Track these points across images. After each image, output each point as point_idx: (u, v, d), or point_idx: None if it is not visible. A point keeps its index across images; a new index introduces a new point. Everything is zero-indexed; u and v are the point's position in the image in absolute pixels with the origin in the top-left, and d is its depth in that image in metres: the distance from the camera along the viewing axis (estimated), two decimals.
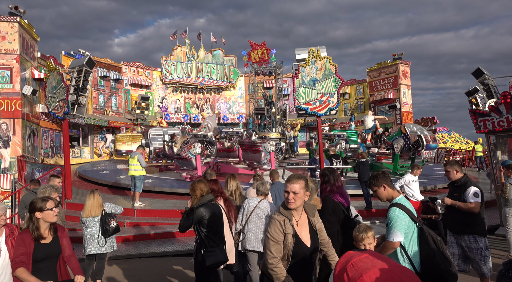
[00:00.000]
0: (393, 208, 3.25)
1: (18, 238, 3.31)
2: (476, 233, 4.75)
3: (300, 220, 3.02)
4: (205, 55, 35.24)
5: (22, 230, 3.46)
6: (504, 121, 8.31)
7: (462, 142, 32.83)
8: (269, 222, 3.00)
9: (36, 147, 19.63)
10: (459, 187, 4.90)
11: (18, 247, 3.27)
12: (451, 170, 4.96)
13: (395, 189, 3.48)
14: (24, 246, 3.26)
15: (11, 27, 17.89)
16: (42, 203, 3.41)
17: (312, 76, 10.38)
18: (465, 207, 4.75)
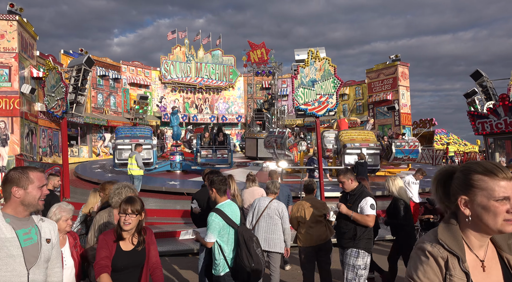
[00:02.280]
0: (211, 213, 3.68)
1: (101, 240, 2.99)
2: (362, 248, 4.36)
3: (487, 258, 1.49)
4: (204, 55, 35.24)
5: (106, 231, 3.14)
6: (502, 123, 8.35)
7: (460, 144, 32.90)
8: (413, 257, 1.52)
9: (34, 146, 19.60)
10: (353, 197, 4.48)
11: (101, 249, 2.95)
12: (345, 180, 4.51)
13: (223, 195, 3.86)
14: (107, 248, 2.94)
15: (10, 26, 17.85)
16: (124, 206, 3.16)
17: (311, 77, 10.39)
18: (362, 219, 4.31)
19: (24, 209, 2.21)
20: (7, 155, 17.33)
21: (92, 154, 27.15)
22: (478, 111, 11.93)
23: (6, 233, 2.10)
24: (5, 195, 2.21)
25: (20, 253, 2.13)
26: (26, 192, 2.18)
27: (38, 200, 2.23)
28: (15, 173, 2.22)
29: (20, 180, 2.19)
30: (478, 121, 8.71)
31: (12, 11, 18.04)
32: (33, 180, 2.22)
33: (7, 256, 2.09)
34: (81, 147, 26.50)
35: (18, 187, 2.18)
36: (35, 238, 2.22)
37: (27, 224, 2.22)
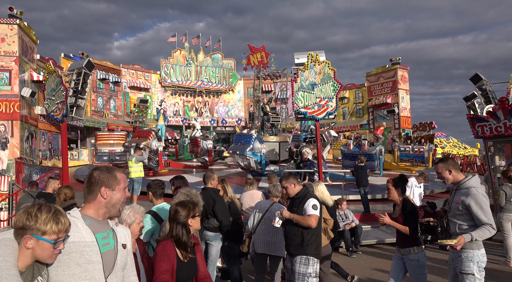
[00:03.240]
0: (146, 214, 3.77)
1: (161, 250, 2.69)
2: (311, 254, 4.08)
3: None
4: (204, 58, 35.30)
5: (163, 240, 2.80)
6: (501, 127, 8.34)
7: (460, 147, 32.89)
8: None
9: (34, 149, 19.59)
10: (297, 201, 4.25)
11: (161, 261, 2.64)
12: (288, 185, 4.31)
13: (159, 198, 4.05)
14: (169, 261, 2.65)
15: (10, 29, 17.89)
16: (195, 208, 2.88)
17: (311, 80, 10.41)
18: (303, 220, 4.04)
19: (106, 211, 2.08)
20: (6, 159, 17.31)
21: (92, 157, 27.12)
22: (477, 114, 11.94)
23: (86, 237, 1.95)
24: (88, 195, 2.08)
25: (99, 259, 1.96)
26: (113, 194, 2.07)
27: (120, 203, 2.13)
28: (103, 173, 2.09)
29: (109, 180, 2.07)
30: (478, 125, 8.71)
31: (13, 15, 18.09)
32: (120, 181, 2.11)
33: (87, 262, 1.92)
34: (81, 151, 26.49)
35: (107, 187, 2.06)
36: (112, 243, 2.07)
37: (105, 228, 2.07)
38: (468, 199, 3.57)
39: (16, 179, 15.74)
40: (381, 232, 9.33)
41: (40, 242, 1.69)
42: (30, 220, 1.68)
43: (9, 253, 1.63)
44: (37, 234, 1.68)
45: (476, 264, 3.54)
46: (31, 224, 1.68)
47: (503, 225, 7.07)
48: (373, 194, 11.98)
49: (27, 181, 12.84)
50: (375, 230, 9.55)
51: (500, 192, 7.08)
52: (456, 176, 3.74)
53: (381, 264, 7.27)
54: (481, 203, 3.52)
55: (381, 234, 9.20)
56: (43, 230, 1.69)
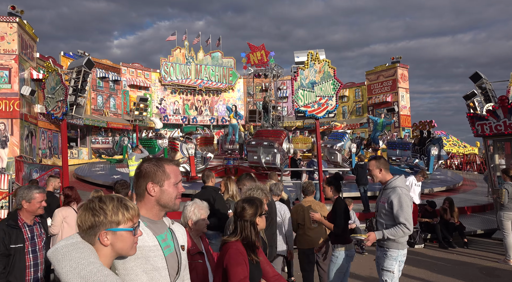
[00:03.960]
0: None
1: (235, 253, 2.43)
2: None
3: None
4: (204, 57, 35.27)
5: (232, 241, 2.53)
6: (501, 125, 8.35)
7: (460, 146, 32.91)
8: None
9: (34, 148, 19.58)
10: None
11: (237, 267, 2.37)
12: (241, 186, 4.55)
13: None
14: (246, 265, 2.41)
15: (10, 28, 17.86)
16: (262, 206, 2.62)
17: (311, 79, 10.40)
18: None
19: (160, 210, 1.85)
20: (6, 157, 17.31)
21: (92, 156, 27.13)
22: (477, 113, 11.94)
23: (149, 241, 1.72)
24: (138, 191, 1.88)
25: (165, 265, 1.75)
26: (162, 190, 1.83)
27: (175, 200, 1.88)
28: (150, 165, 1.85)
29: (156, 174, 1.83)
30: (478, 123, 8.72)
31: (12, 13, 18.06)
32: (169, 175, 1.86)
33: (153, 269, 1.71)
34: (80, 149, 26.48)
35: (154, 183, 1.83)
36: (172, 246, 1.85)
37: (162, 229, 1.85)
38: (392, 197, 3.66)
39: (16, 178, 15.75)
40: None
41: (118, 234, 1.51)
42: (98, 215, 1.48)
43: (90, 255, 1.43)
44: (112, 227, 1.50)
45: (397, 263, 3.68)
46: (101, 218, 1.48)
47: (503, 223, 7.07)
48: (373, 191, 12.00)
49: (27, 179, 12.85)
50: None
51: (502, 190, 7.07)
52: (384, 176, 3.82)
53: None
54: (402, 202, 3.59)
55: None
56: (117, 221, 1.51)
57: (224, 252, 2.49)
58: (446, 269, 6.77)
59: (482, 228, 9.56)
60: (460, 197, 12.99)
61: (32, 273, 3.43)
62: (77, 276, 1.35)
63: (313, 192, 5.45)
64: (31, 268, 3.42)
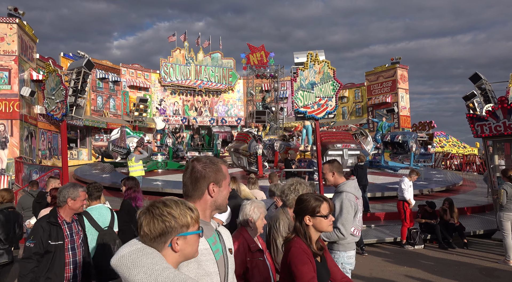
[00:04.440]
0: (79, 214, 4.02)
1: (298, 251, 2.28)
2: None
3: None
4: (204, 57, 35.28)
5: (294, 239, 2.38)
6: (501, 126, 8.36)
7: (460, 147, 32.92)
8: None
9: (33, 149, 19.58)
10: None
11: (303, 266, 2.22)
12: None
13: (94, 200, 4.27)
14: (311, 264, 2.25)
15: (10, 29, 17.87)
16: (316, 203, 2.41)
17: (311, 80, 10.40)
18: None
19: (213, 211, 1.77)
20: (6, 158, 17.31)
21: (92, 156, 27.12)
22: (477, 113, 11.95)
23: (200, 244, 1.59)
24: (193, 193, 1.75)
25: (216, 270, 1.65)
26: (220, 190, 1.75)
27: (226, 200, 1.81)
28: (208, 166, 1.75)
29: (216, 175, 1.75)
30: (477, 124, 8.73)
31: (12, 14, 18.07)
32: (225, 174, 1.79)
33: (205, 274, 1.61)
34: (80, 150, 26.48)
35: (215, 184, 1.73)
36: (220, 249, 1.74)
37: (211, 231, 1.74)
38: (335, 201, 3.70)
39: (15, 179, 15.74)
40: (381, 231, 9.36)
41: (188, 238, 1.45)
42: (168, 221, 1.40)
43: (161, 260, 1.36)
44: (182, 231, 1.43)
45: (340, 266, 3.67)
46: (172, 224, 1.40)
47: (502, 224, 7.08)
48: (372, 192, 12.00)
49: (27, 180, 12.84)
50: (375, 229, 9.56)
51: (501, 191, 7.08)
52: (337, 179, 3.85)
53: (381, 263, 7.28)
54: (343, 207, 3.61)
55: (381, 233, 9.22)
56: (186, 224, 1.43)
57: (287, 251, 2.36)
58: (446, 270, 6.77)
59: (482, 228, 9.56)
60: (460, 197, 12.99)
61: (71, 270, 3.45)
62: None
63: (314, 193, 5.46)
64: (70, 265, 3.44)
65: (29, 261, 3.24)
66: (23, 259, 3.26)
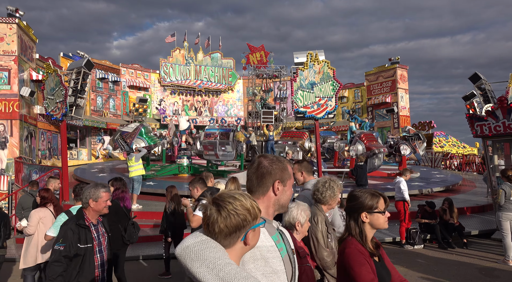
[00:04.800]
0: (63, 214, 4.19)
1: (354, 252, 2.18)
2: None
3: None
4: (203, 57, 35.28)
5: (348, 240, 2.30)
6: (500, 126, 8.37)
7: (459, 147, 32.92)
8: None
9: (33, 149, 19.57)
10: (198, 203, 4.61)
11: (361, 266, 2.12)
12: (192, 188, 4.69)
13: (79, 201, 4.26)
14: (369, 266, 2.14)
15: (9, 29, 17.86)
16: (374, 199, 2.31)
17: (310, 80, 10.41)
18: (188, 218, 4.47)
19: (276, 210, 1.74)
20: (6, 158, 17.30)
21: (91, 157, 27.12)
22: (476, 113, 11.96)
23: (265, 240, 1.60)
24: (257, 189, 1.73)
25: (283, 268, 1.61)
26: (284, 190, 1.73)
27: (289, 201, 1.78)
28: (275, 163, 1.74)
29: (283, 173, 1.73)
30: (477, 124, 8.74)
31: (12, 14, 18.06)
32: (291, 175, 1.78)
33: (272, 272, 1.57)
34: (80, 150, 26.47)
35: (281, 182, 1.72)
36: (284, 248, 1.70)
37: (273, 230, 1.71)
38: (301, 199, 3.73)
39: (15, 179, 15.74)
40: (380, 231, 9.36)
41: (256, 230, 1.45)
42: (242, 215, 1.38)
43: (224, 255, 1.35)
44: (254, 224, 1.42)
45: None
46: (247, 217, 1.39)
47: (501, 224, 7.08)
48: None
49: (27, 180, 12.84)
50: None
51: (499, 191, 7.09)
52: (306, 179, 3.90)
53: None
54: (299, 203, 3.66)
55: (380, 233, 9.22)
56: (256, 216, 1.42)
57: (341, 253, 2.25)
58: (445, 270, 6.78)
59: (481, 228, 9.57)
60: (460, 197, 12.99)
61: (99, 273, 3.35)
62: (215, 277, 1.27)
63: None
64: (99, 268, 3.35)
65: (58, 264, 3.13)
66: (52, 262, 3.17)
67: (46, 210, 5.26)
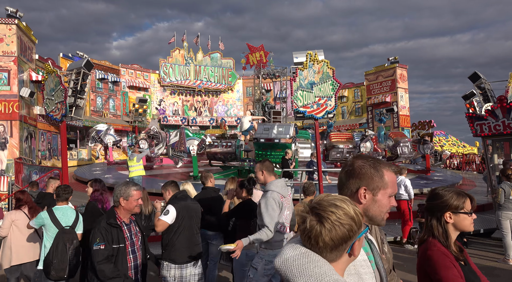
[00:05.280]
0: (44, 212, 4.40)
1: (438, 254, 2.01)
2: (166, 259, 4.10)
3: None
4: (203, 57, 35.29)
5: (428, 241, 2.14)
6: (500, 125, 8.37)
7: (459, 146, 32.94)
8: None
9: (33, 149, 19.58)
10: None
11: (448, 269, 1.96)
12: (164, 191, 4.55)
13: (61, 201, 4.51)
14: (456, 269, 1.97)
15: (9, 29, 17.87)
16: (460, 198, 2.16)
17: (310, 80, 10.42)
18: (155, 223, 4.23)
19: (365, 221, 1.52)
20: (6, 159, 17.31)
21: (91, 157, 27.13)
22: (476, 112, 11.97)
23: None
24: (345, 192, 1.57)
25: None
26: (374, 199, 1.51)
27: (384, 215, 1.56)
28: (367, 166, 1.53)
29: (372, 179, 1.52)
30: (477, 123, 8.74)
31: (12, 15, 18.07)
32: (387, 184, 1.53)
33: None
34: (80, 151, 26.48)
35: (368, 189, 1.52)
36: (373, 260, 1.55)
37: (364, 240, 1.54)
38: (261, 200, 3.76)
39: (15, 179, 15.74)
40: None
41: (361, 238, 1.32)
42: (348, 225, 1.24)
43: (331, 270, 1.22)
44: (359, 233, 1.28)
45: (263, 262, 3.72)
46: (353, 227, 1.25)
47: (501, 223, 7.09)
48: None
49: (27, 181, 12.84)
50: None
51: (499, 190, 7.10)
52: (266, 178, 3.92)
53: None
54: (268, 205, 3.66)
55: None
56: (361, 224, 1.28)
57: (422, 255, 2.08)
58: None
59: (481, 227, 9.58)
60: None
61: (133, 274, 3.22)
62: None
63: (313, 193, 5.47)
64: (132, 270, 3.21)
65: (105, 262, 3.02)
66: (98, 263, 3.03)
67: (20, 213, 5.23)
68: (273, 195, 3.68)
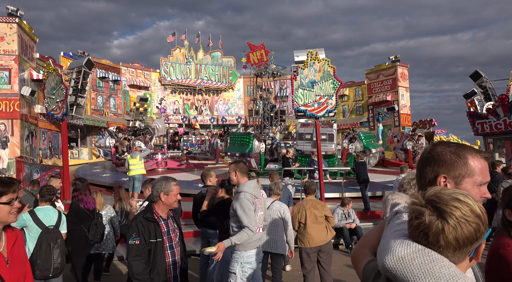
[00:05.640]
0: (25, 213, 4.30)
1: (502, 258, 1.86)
2: None
3: None
4: (204, 56, 35.27)
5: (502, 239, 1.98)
6: (501, 124, 8.37)
7: None
8: None
9: (34, 148, 19.59)
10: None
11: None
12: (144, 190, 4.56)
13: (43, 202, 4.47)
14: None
15: (10, 28, 17.86)
16: None
17: (311, 78, 10.40)
18: None
19: None
20: (7, 157, 17.32)
21: (92, 156, 27.14)
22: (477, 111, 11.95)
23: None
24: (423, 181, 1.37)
25: None
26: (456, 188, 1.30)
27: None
28: (448, 152, 1.33)
29: (454, 166, 1.31)
30: (478, 122, 8.75)
31: (12, 14, 18.06)
32: (474, 170, 1.32)
33: None
34: (81, 149, 26.49)
35: (449, 177, 1.31)
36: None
37: None
38: (235, 202, 3.75)
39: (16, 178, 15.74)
40: None
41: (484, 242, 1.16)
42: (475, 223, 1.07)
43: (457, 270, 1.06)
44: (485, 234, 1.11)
45: (240, 265, 3.70)
46: (480, 227, 1.08)
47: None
48: (373, 191, 12.00)
49: (28, 180, 12.86)
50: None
51: (500, 188, 7.09)
52: (239, 179, 3.92)
53: None
54: (244, 206, 3.66)
55: None
56: (487, 223, 1.13)
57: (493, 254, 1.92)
58: None
59: None
60: None
61: (171, 270, 3.19)
62: None
63: (315, 191, 5.47)
64: (171, 266, 3.19)
65: (138, 259, 3.00)
66: (131, 258, 3.02)
67: None
68: (247, 196, 3.69)
